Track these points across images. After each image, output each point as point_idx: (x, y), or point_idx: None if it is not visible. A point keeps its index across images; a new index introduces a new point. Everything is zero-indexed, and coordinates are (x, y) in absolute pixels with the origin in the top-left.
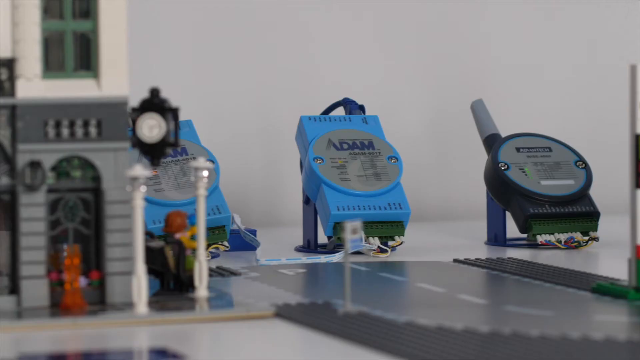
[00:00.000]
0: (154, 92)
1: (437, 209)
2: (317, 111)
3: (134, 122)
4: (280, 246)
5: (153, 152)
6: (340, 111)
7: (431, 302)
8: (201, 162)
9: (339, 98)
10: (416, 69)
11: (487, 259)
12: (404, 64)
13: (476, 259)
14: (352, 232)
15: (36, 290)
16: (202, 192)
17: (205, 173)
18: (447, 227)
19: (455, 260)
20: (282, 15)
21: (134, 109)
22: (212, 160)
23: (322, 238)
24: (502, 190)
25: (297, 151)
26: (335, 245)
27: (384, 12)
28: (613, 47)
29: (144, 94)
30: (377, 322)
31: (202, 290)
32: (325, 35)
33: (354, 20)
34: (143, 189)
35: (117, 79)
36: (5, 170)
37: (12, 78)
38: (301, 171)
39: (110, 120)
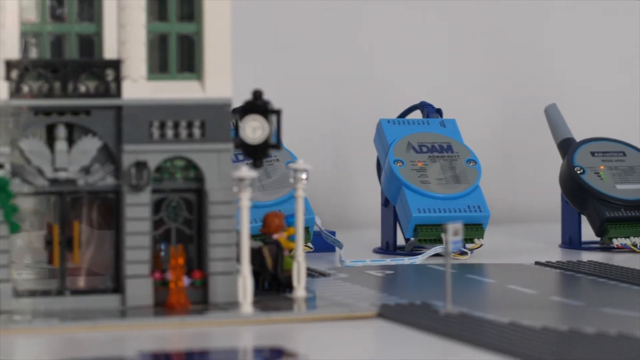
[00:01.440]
0: (257, 94)
1: (509, 212)
2: (391, 114)
3: (236, 123)
4: (356, 248)
5: (255, 154)
6: (416, 114)
7: (526, 304)
8: (300, 164)
9: (412, 101)
10: (488, 73)
11: (567, 261)
12: (475, 67)
13: (557, 261)
14: (454, 233)
15: (140, 289)
16: (300, 193)
17: (304, 175)
18: (519, 230)
19: (537, 263)
20: (357, 19)
21: (236, 111)
22: None
23: (399, 240)
24: (577, 193)
25: (370, 153)
26: (414, 247)
27: (458, 16)
28: None
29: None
30: (481, 323)
31: (300, 290)
32: (398, 38)
33: (426, 22)
34: (249, 190)
35: (220, 81)
36: (110, 171)
37: (118, 79)
38: (377, 173)
39: (213, 121)
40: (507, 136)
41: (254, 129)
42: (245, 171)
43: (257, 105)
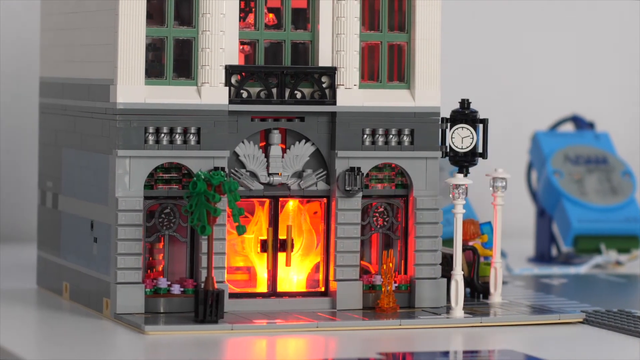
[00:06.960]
0: (465, 103)
1: None
2: (539, 125)
3: (444, 132)
4: (509, 257)
5: (463, 162)
6: (566, 127)
7: None
8: (500, 172)
9: (561, 113)
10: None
11: None
12: (624, 79)
13: None
14: None
15: (350, 292)
16: (500, 201)
17: (502, 183)
18: None
19: None
20: (509, 30)
21: (445, 120)
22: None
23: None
24: None
25: (515, 163)
26: (568, 257)
27: (607, 29)
28: None
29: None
30: None
31: (496, 296)
32: (550, 51)
33: (575, 34)
34: (464, 196)
35: (430, 91)
36: (322, 176)
37: (333, 86)
38: (527, 183)
39: (422, 130)
40: None
41: (462, 138)
42: (461, 178)
43: (465, 114)
